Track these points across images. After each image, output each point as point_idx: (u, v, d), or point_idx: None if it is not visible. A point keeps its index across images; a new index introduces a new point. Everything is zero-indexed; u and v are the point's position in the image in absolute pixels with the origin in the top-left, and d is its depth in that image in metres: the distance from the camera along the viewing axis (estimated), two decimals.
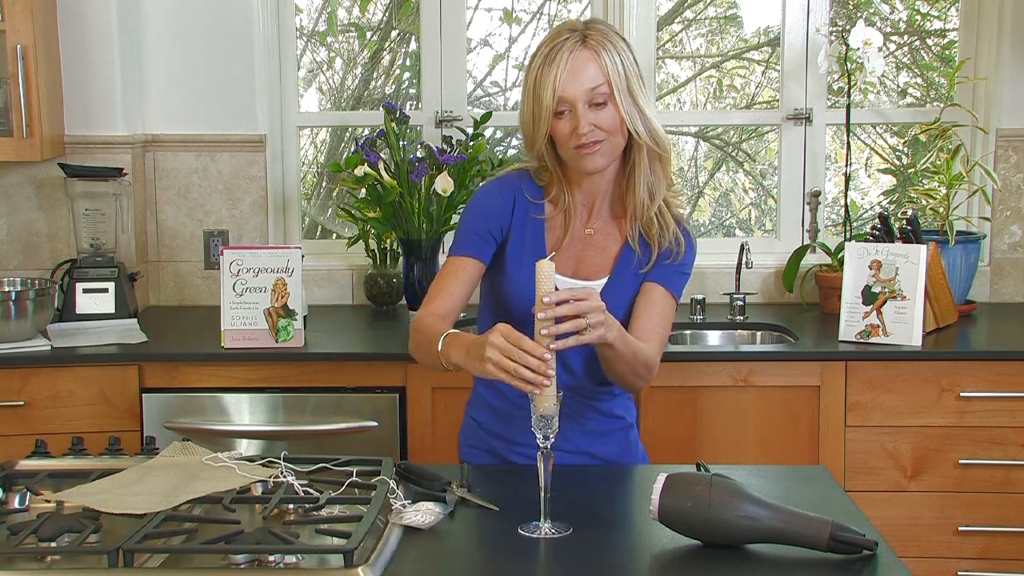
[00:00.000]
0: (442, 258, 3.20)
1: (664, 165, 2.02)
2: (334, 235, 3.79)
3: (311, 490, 1.73)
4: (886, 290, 2.85)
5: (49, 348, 2.88)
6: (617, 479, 1.99)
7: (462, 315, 2.08)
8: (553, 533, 1.66)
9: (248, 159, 3.44)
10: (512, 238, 2.06)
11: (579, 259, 2.05)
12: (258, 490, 1.75)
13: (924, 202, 3.30)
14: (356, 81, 3.87)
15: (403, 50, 3.85)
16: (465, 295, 2.04)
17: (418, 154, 3.22)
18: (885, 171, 3.90)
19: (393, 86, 3.86)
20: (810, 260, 3.35)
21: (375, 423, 2.83)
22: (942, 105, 3.37)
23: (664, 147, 2.01)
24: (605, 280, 2.04)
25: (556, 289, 1.71)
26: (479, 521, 1.74)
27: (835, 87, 3.53)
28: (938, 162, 3.24)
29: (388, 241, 3.35)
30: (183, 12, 3.38)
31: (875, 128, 3.87)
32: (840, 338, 2.88)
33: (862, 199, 3.86)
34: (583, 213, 2.08)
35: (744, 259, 3.27)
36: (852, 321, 2.88)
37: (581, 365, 2.06)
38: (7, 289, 3.00)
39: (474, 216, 2.08)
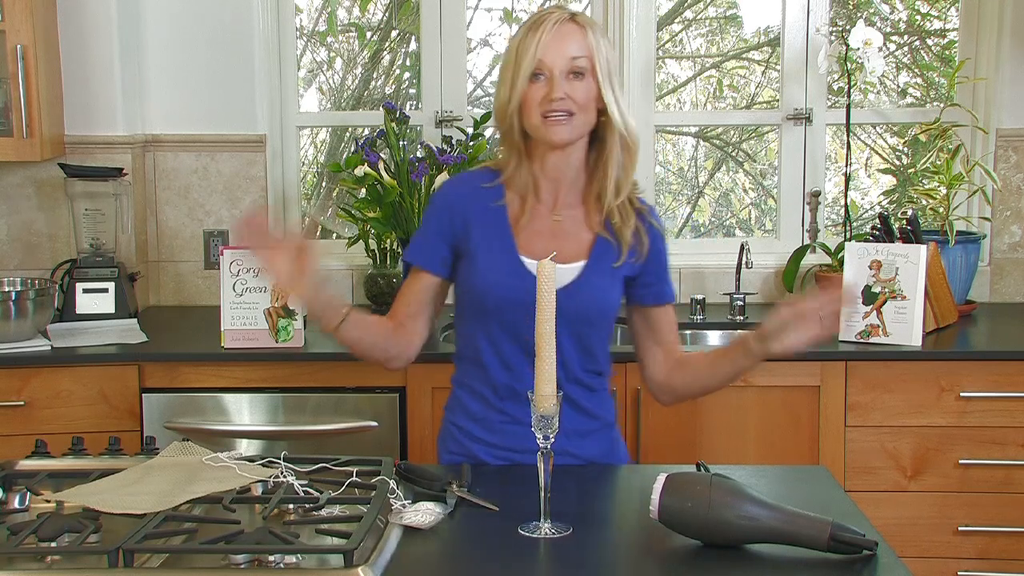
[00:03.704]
0: None
1: (631, 157, 2.04)
2: (334, 235, 3.79)
3: (311, 490, 1.73)
4: (886, 290, 2.85)
5: (49, 348, 2.88)
6: (617, 479, 1.99)
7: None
8: (553, 533, 1.66)
9: (248, 159, 3.44)
10: (473, 231, 2.05)
11: (549, 246, 2.00)
12: (258, 490, 1.75)
13: (924, 202, 3.30)
14: (356, 81, 3.87)
15: (403, 50, 3.84)
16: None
17: (418, 154, 3.22)
18: (885, 171, 3.90)
19: (393, 86, 3.86)
20: (810, 260, 3.35)
21: (375, 423, 2.83)
22: (942, 105, 3.37)
23: (634, 138, 2.03)
24: (581, 264, 2.03)
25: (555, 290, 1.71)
26: (479, 521, 1.74)
27: (835, 87, 3.52)
28: (938, 162, 3.24)
29: (388, 241, 3.34)
30: (183, 12, 3.38)
31: (875, 128, 3.87)
32: (840, 338, 2.88)
33: (862, 199, 3.86)
34: (548, 200, 2.06)
35: (744, 259, 3.27)
36: (852, 321, 2.87)
37: (574, 355, 2.04)
38: (7, 289, 3.00)
39: (427, 223, 2.11)
